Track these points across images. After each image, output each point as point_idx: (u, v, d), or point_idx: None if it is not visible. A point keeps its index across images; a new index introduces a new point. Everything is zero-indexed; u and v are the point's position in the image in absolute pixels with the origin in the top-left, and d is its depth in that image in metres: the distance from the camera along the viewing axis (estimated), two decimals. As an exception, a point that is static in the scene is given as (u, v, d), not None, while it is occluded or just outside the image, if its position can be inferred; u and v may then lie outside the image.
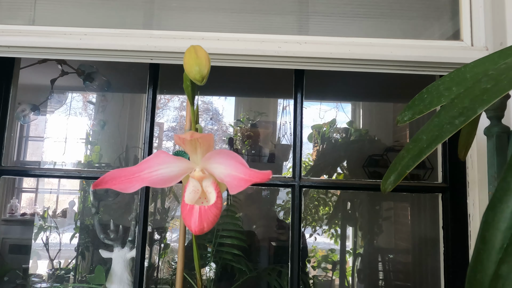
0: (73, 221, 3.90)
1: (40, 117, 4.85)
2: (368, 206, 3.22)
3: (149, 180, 0.61)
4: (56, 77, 3.19)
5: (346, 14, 1.21)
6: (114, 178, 0.60)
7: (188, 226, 0.62)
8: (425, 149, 0.60)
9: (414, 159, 0.60)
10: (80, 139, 4.17)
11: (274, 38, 1.11)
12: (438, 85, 0.74)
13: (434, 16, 1.21)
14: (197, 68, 0.60)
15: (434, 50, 1.10)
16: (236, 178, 0.59)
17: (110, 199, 1.98)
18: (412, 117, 0.76)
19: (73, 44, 1.08)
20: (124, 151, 3.69)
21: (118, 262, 1.40)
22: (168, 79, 1.38)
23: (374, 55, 1.09)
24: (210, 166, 0.62)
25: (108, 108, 3.90)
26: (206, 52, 0.62)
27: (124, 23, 1.19)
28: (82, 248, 3.04)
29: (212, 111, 4.77)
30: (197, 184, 0.63)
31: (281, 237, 2.65)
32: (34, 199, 5.77)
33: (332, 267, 3.33)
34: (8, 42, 1.10)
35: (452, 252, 1.22)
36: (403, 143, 3.71)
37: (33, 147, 5.52)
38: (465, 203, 1.23)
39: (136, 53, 1.11)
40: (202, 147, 0.60)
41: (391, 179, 0.63)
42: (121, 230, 1.43)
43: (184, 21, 1.20)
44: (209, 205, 0.62)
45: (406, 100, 0.77)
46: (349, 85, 2.88)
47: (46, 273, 3.29)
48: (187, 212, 0.61)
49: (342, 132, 3.83)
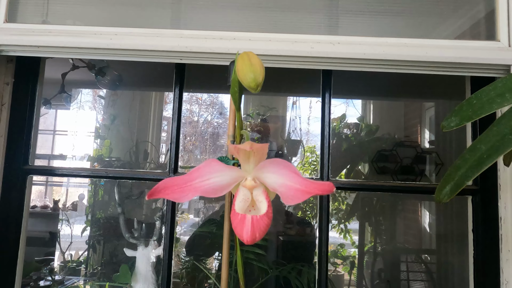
0: (83, 214, 3.92)
1: (50, 111, 4.85)
2: (392, 207, 3.20)
3: (201, 190, 0.60)
4: (67, 71, 3.18)
5: (379, 12, 1.18)
6: (167, 187, 0.59)
7: (239, 236, 0.61)
8: (485, 159, 0.59)
9: (473, 170, 0.59)
10: (90, 133, 4.17)
11: (306, 38, 1.09)
12: (489, 90, 0.72)
13: (468, 15, 1.18)
14: (252, 76, 0.58)
15: (469, 51, 1.08)
16: (291, 188, 0.58)
17: (133, 197, 1.98)
18: (459, 123, 0.74)
19: (103, 44, 1.07)
20: (134, 145, 3.69)
21: (142, 261, 1.40)
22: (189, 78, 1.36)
23: (408, 56, 1.07)
24: (262, 175, 0.61)
25: (118, 102, 3.89)
26: (259, 59, 0.61)
27: (152, 22, 1.17)
28: (94, 241, 3.05)
29: (218, 105, 4.75)
30: (248, 193, 0.62)
31: (290, 232, 2.63)
32: (44, 192, 5.80)
33: (356, 266, 3.31)
34: (37, 42, 1.08)
35: (482, 256, 1.21)
36: (413, 139, 3.69)
37: (41, 140, 5.53)
38: (496, 206, 1.21)
39: (166, 53, 1.09)
40: (256, 156, 0.59)
41: (446, 190, 0.62)
42: (145, 229, 1.43)
43: (213, 20, 1.19)
44: (261, 214, 0.61)
45: (418, 96, 0.76)
46: (361, 81, 2.84)
47: (58, 266, 3.31)
48: (239, 222, 0.61)
49: (353, 127, 3.80)
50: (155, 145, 4.04)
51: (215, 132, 4.48)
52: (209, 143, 4.54)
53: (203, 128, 4.66)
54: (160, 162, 3.83)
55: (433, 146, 3.37)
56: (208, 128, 4.60)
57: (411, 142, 3.41)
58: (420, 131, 3.76)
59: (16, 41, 1.08)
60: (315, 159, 4.19)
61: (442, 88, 2.32)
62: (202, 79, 2.28)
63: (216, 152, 4.46)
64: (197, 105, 4.63)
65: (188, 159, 4.38)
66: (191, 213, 4.17)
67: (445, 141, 2.98)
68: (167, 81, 1.41)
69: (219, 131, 4.42)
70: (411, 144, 3.27)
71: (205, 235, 1.71)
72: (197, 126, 4.60)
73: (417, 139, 3.68)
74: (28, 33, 1.09)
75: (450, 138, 2.87)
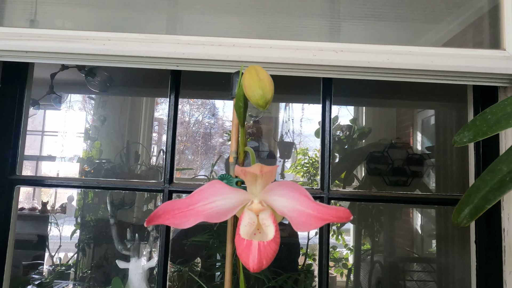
0: (73, 216, 3.83)
1: (39, 112, 4.75)
2: (391, 217, 3.19)
3: (204, 214, 0.56)
4: (57, 71, 3.10)
5: (382, 19, 1.15)
6: (167, 212, 0.55)
7: (244, 263, 0.57)
8: (508, 182, 0.55)
9: (495, 193, 0.56)
10: (80, 134, 4.09)
11: (308, 45, 1.05)
12: (505, 105, 0.69)
13: (474, 24, 1.16)
14: (260, 92, 0.54)
15: (475, 60, 1.05)
16: (303, 214, 0.54)
17: (126, 207, 1.92)
18: (473, 139, 0.70)
19: (96, 50, 1.02)
20: (125, 147, 3.63)
21: (135, 273, 1.35)
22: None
23: (414, 65, 1.04)
24: (270, 198, 0.57)
25: (108, 103, 3.82)
26: (267, 73, 0.56)
27: (147, 27, 1.12)
28: (84, 244, 2.98)
29: (210, 105, 4.68)
30: (254, 217, 0.58)
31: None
32: (32, 193, 5.69)
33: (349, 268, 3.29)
34: (26, 47, 1.03)
35: (486, 268, 1.19)
36: (404, 140, 3.69)
37: (29, 141, 5.42)
38: (499, 217, 1.19)
39: (162, 59, 1.05)
40: (264, 179, 0.55)
41: (465, 213, 0.58)
42: (138, 240, 1.38)
43: (211, 25, 1.14)
44: (268, 240, 0.56)
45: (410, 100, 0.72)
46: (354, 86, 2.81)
47: (46, 269, 3.23)
48: (244, 248, 0.56)
49: (346, 129, 3.79)
50: (146, 146, 3.98)
51: (207, 133, 4.41)
52: (200, 144, 4.48)
53: (195, 129, 4.60)
54: (151, 164, 3.76)
55: (427, 149, 3.37)
56: (200, 129, 4.54)
57: (403, 144, 3.40)
58: (412, 133, 3.77)
59: (3, 46, 1.02)
60: (308, 161, 4.17)
61: (442, 93, 2.31)
62: (198, 84, 2.23)
63: (207, 153, 4.40)
64: (188, 105, 4.56)
65: (179, 159, 4.32)
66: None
67: (439, 145, 2.98)
68: (162, 83, 1.36)
69: (211, 132, 4.34)
70: (403, 146, 3.27)
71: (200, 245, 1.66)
72: (188, 127, 4.53)
73: (409, 141, 3.69)
74: (15, 38, 1.03)
75: (444, 140, 2.87)
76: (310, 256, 3.10)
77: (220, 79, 1.74)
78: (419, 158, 3.15)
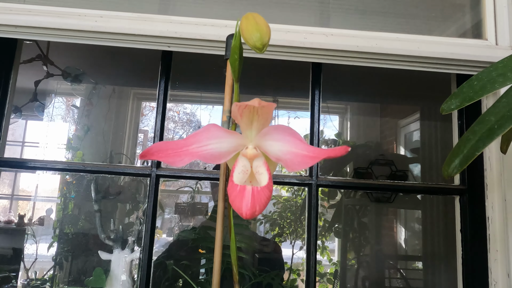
0: (51, 229, 3.71)
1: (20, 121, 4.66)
2: (376, 210, 3.21)
3: (198, 155, 0.55)
4: (41, 78, 3.06)
5: (374, 10, 1.19)
6: (161, 150, 0.54)
7: (237, 209, 0.56)
8: (496, 130, 0.57)
9: (484, 140, 0.57)
10: (62, 144, 4.02)
11: (299, 29, 1.07)
12: (490, 71, 0.72)
13: (455, 15, 1.20)
14: (258, 35, 0.55)
15: (460, 48, 1.09)
16: (298, 155, 0.54)
17: (111, 197, 1.87)
18: (460, 105, 0.72)
19: (87, 26, 1.02)
20: (108, 157, 3.57)
21: (118, 264, 1.31)
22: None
23: (401, 50, 1.07)
24: (266, 143, 0.57)
25: (92, 112, 3.78)
26: (264, 19, 0.57)
27: (140, 6, 1.13)
28: (61, 257, 2.88)
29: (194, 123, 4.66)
30: (247, 164, 0.58)
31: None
32: (9, 206, 5.51)
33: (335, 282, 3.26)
34: (15, 21, 1.02)
35: (471, 256, 1.19)
36: (388, 156, 3.74)
37: (9, 152, 5.29)
38: (484, 206, 1.21)
39: (153, 38, 1.05)
40: (260, 120, 0.55)
41: (455, 163, 0.59)
42: (121, 231, 1.34)
43: (204, 7, 1.16)
44: (262, 186, 0.56)
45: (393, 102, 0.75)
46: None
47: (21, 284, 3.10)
48: (238, 194, 0.56)
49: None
50: (130, 158, 3.92)
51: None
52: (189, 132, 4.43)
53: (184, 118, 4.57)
54: (135, 174, 3.70)
55: (410, 163, 3.43)
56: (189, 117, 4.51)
57: (386, 161, 3.45)
58: (396, 148, 3.84)
59: (-8, 20, 1.01)
60: (298, 173, 4.16)
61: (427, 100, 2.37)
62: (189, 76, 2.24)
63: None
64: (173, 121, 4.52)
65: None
66: (165, 232, 4.02)
67: (424, 158, 3.03)
68: (151, 85, 1.34)
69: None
70: (386, 162, 3.31)
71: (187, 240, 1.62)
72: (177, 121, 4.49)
73: (392, 157, 3.74)
74: (5, 12, 1.02)
75: (429, 154, 2.93)
76: (294, 271, 3.07)
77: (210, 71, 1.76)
78: (403, 175, 3.21)
